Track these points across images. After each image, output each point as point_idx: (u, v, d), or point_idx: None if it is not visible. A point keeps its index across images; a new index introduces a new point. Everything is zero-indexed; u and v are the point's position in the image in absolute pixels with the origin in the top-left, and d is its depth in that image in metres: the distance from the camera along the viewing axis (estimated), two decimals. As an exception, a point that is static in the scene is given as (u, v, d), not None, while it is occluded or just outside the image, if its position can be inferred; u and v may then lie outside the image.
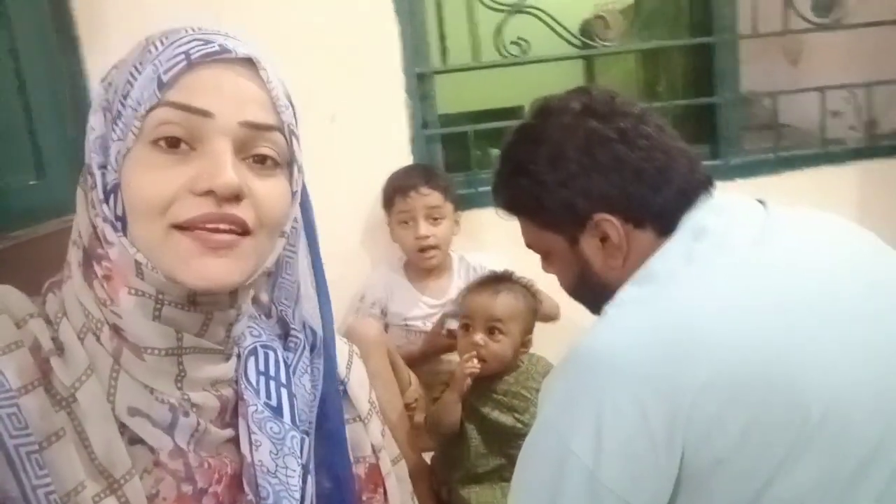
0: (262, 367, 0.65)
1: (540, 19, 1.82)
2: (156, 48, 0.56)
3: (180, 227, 0.54)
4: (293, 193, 0.62)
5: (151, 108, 0.53)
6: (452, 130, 1.92)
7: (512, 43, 1.82)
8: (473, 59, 1.85)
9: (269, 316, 0.71)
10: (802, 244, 0.74)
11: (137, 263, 0.55)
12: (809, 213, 0.81)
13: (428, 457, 1.52)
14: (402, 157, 1.78)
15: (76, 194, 0.59)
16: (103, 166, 0.56)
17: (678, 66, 2.17)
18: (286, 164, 0.60)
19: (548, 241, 0.87)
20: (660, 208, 0.78)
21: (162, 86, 0.54)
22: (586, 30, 1.90)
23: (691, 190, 0.79)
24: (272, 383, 0.65)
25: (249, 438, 0.61)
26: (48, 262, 0.63)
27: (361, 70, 1.73)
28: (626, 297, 0.73)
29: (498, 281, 1.36)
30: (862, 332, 0.67)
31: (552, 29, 1.84)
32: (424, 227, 1.60)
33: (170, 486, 0.57)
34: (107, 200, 0.55)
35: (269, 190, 0.58)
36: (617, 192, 0.79)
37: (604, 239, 0.81)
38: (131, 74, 0.55)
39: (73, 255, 0.59)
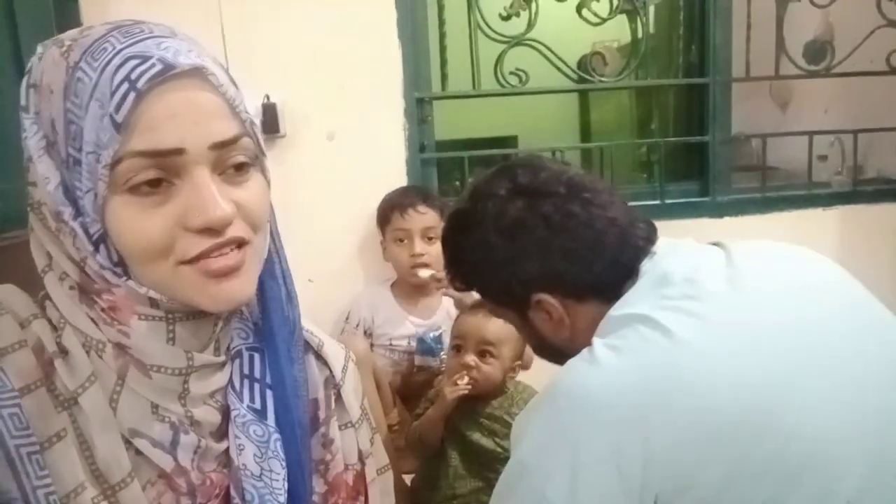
0: (246, 370, 0.65)
1: (540, 52, 1.86)
2: (87, 75, 0.50)
3: (188, 262, 0.54)
4: (268, 182, 0.61)
5: (118, 160, 0.50)
6: (448, 155, 1.95)
7: (511, 73, 1.86)
8: (473, 86, 1.88)
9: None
10: (776, 288, 0.74)
11: (151, 298, 0.55)
12: (772, 250, 0.81)
13: (408, 479, 1.52)
14: (398, 179, 1.80)
15: (33, 224, 0.56)
16: (77, 215, 0.53)
17: (672, 104, 2.22)
18: (255, 158, 0.59)
19: (502, 313, 0.92)
20: (595, 282, 0.80)
21: (118, 127, 0.50)
22: (584, 65, 1.94)
23: (626, 258, 0.79)
24: (257, 386, 0.65)
25: (235, 443, 0.61)
26: None
27: (361, 91, 1.76)
28: (602, 342, 0.72)
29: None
30: (842, 376, 0.67)
31: (551, 62, 1.88)
32: (420, 246, 1.62)
33: (171, 498, 0.58)
34: (97, 249, 0.54)
35: (251, 194, 0.57)
36: (548, 274, 0.81)
37: (548, 313, 0.84)
38: (70, 112, 0.51)
39: (53, 284, 0.57)
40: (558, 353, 0.87)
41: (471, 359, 1.30)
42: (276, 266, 0.66)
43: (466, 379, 1.28)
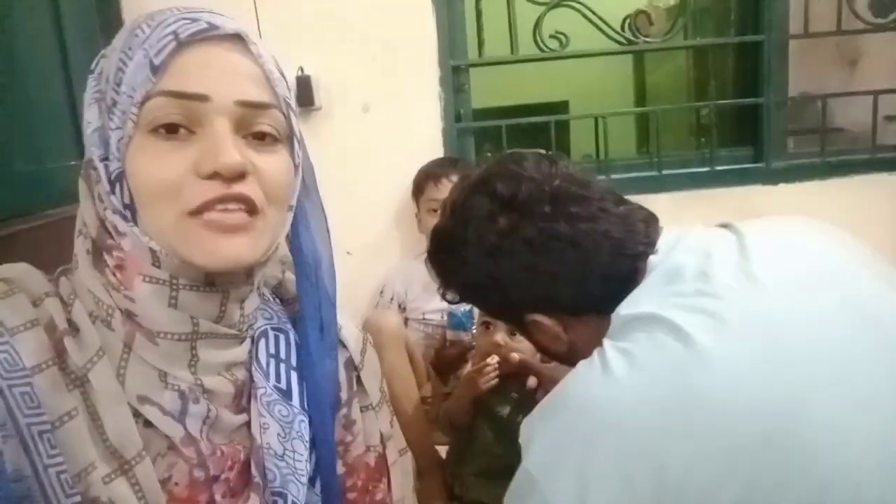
0: (272, 350, 0.65)
1: (581, 13, 1.79)
2: (143, 32, 0.55)
3: (192, 213, 0.55)
4: (296, 167, 0.62)
5: (147, 97, 0.53)
6: (486, 124, 1.90)
7: (551, 37, 1.79)
8: (511, 52, 1.82)
9: (283, 299, 0.72)
10: (793, 282, 0.67)
11: (152, 251, 0.55)
12: (783, 232, 0.75)
13: (442, 451, 1.52)
14: (434, 149, 1.78)
15: (79, 187, 0.59)
16: (105, 158, 0.56)
17: (729, 65, 2.10)
18: (286, 138, 0.60)
19: (503, 322, 0.91)
20: (588, 300, 0.75)
21: (154, 69, 0.53)
22: (629, 25, 1.85)
23: (622, 269, 0.74)
24: (282, 366, 0.65)
25: (259, 421, 0.61)
26: None
27: (396, 61, 1.73)
28: (614, 345, 0.67)
29: None
30: (868, 390, 0.61)
31: (593, 24, 1.80)
32: None
33: (182, 471, 0.58)
34: (113, 190, 0.55)
35: (272, 165, 0.58)
36: (538, 297, 0.77)
37: (544, 331, 0.80)
38: (121, 61, 0.55)
39: (80, 246, 0.59)
40: (561, 360, 0.85)
41: (501, 337, 1.28)
42: (312, 266, 0.67)
43: (494, 365, 1.26)
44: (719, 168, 1.85)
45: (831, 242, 0.74)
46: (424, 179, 1.65)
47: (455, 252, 0.81)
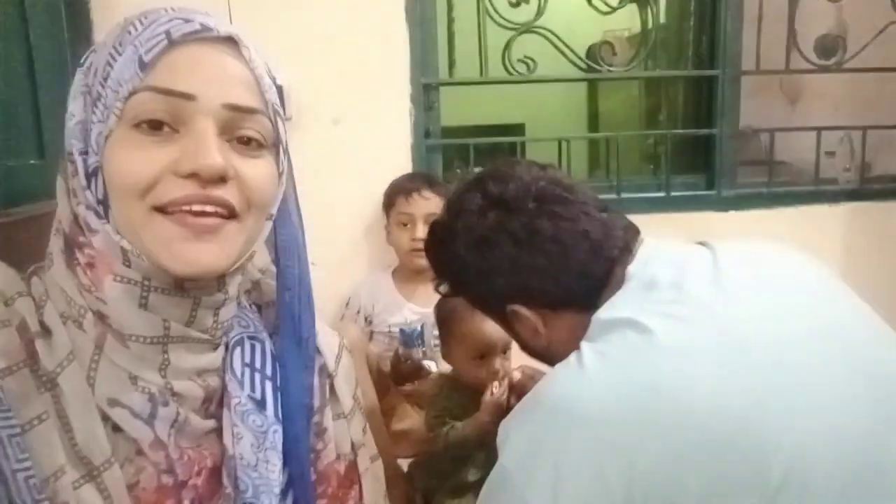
0: (247, 359, 0.65)
1: (548, 40, 1.85)
2: (135, 29, 0.54)
3: (162, 210, 0.54)
4: (280, 175, 0.61)
5: (133, 92, 0.53)
6: (454, 142, 1.94)
7: (519, 61, 1.84)
8: (480, 73, 1.87)
9: (264, 306, 0.71)
10: (762, 294, 0.73)
11: (123, 250, 0.54)
12: (759, 253, 0.81)
13: (403, 463, 1.52)
14: (403, 164, 1.79)
15: (56, 183, 0.58)
16: (84, 151, 0.55)
17: (681, 96, 2.20)
18: (272, 145, 0.60)
19: (486, 314, 0.93)
20: (565, 295, 0.80)
21: (143, 66, 0.53)
22: (593, 54, 1.92)
23: (598, 269, 0.79)
24: (257, 376, 0.65)
25: (232, 431, 0.61)
26: (46, 240, 0.62)
27: (368, 76, 1.75)
28: (590, 346, 0.71)
29: None
30: (822, 389, 0.66)
31: (559, 50, 1.86)
32: (422, 230, 1.62)
33: (150, 476, 0.57)
34: (88, 185, 0.54)
35: (255, 171, 0.57)
36: (519, 288, 0.82)
37: (523, 323, 0.85)
38: (111, 56, 0.54)
39: (55, 244, 0.58)
40: (540, 357, 0.90)
41: (499, 364, 1.27)
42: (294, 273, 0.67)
43: (503, 385, 1.23)
44: (674, 194, 1.94)
45: (802, 264, 0.80)
46: (396, 193, 1.67)
47: (447, 244, 0.87)
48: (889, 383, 0.69)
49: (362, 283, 1.74)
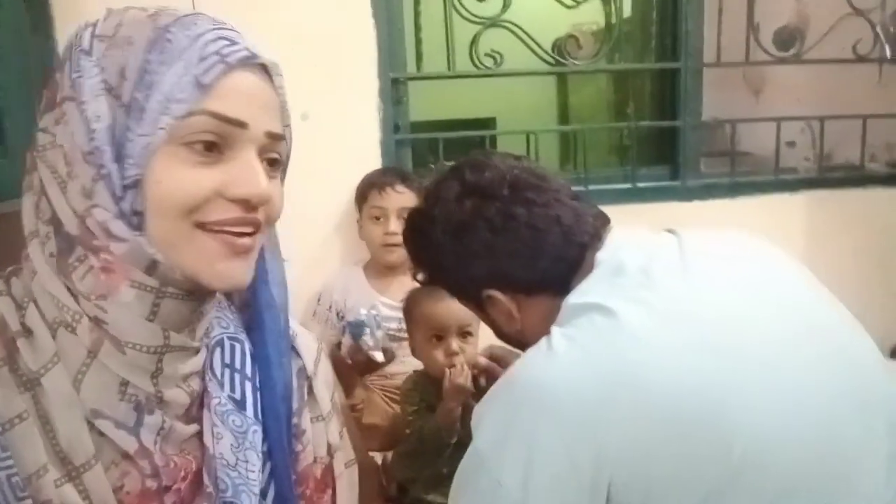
0: (227, 360, 0.65)
1: (515, 34, 1.87)
2: (178, 40, 0.55)
3: (204, 226, 0.56)
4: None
5: (191, 113, 0.54)
6: (423, 136, 1.95)
7: (486, 55, 1.86)
8: (448, 68, 1.88)
9: (240, 308, 0.72)
10: (727, 280, 0.75)
11: (153, 262, 0.54)
12: (723, 240, 0.83)
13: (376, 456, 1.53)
14: (372, 160, 1.80)
15: (33, 180, 0.57)
16: (116, 159, 0.54)
17: (647, 88, 2.24)
18: (283, 163, 0.64)
19: (463, 303, 0.96)
20: (540, 279, 0.83)
21: (202, 88, 0.54)
22: (559, 48, 1.94)
23: (570, 254, 0.82)
24: (237, 376, 0.65)
25: (212, 431, 0.61)
26: (11, 240, 0.61)
27: (336, 71, 1.75)
28: (560, 331, 0.73)
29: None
30: (784, 374, 0.68)
31: (525, 44, 1.88)
32: (395, 224, 1.63)
33: (135, 480, 0.57)
34: (123, 195, 0.54)
35: (278, 191, 0.61)
36: (495, 273, 0.85)
37: (499, 308, 0.87)
38: (149, 63, 0.54)
39: (37, 247, 0.57)
40: (514, 342, 0.93)
41: (456, 345, 1.29)
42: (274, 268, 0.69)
43: (462, 363, 1.25)
44: (640, 185, 1.97)
45: (763, 250, 0.83)
46: (369, 187, 1.68)
47: (425, 231, 0.89)
48: (851, 365, 0.72)
49: (334, 278, 1.74)
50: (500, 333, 0.95)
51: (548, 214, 0.83)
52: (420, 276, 0.97)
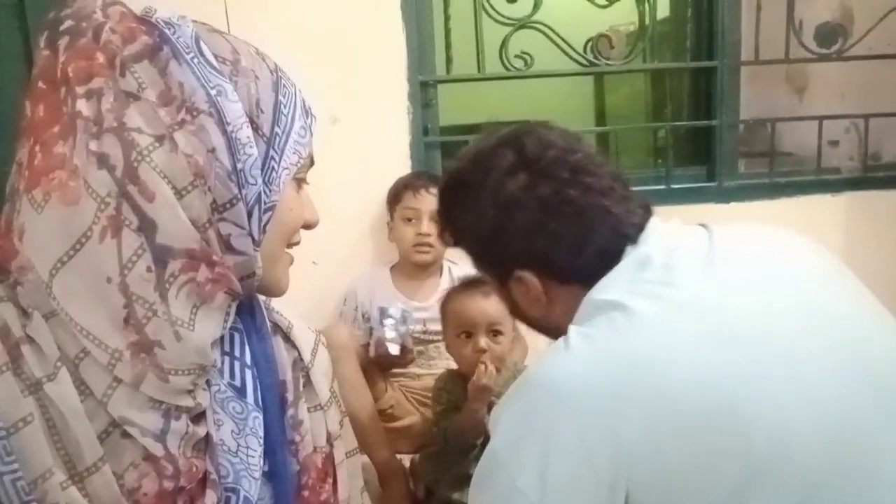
0: (227, 348, 0.67)
1: (545, 35, 1.85)
2: (289, 86, 0.66)
3: (290, 245, 0.69)
4: None
5: (307, 156, 0.67)
6: (452, 139, 1.95)
7: (516, 56, 1.84)
8: (478, 70, 1.87)
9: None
10: (750, 272, 0.73)
11: (252, 274, 0.62)
12: (756, 234, 0.81)
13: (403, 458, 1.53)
14: (401, 163, 1.80)
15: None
16: (253, 182, 0.61)
17: (685, 88, 2.19)
18: None
19: (483, 274, 0.92)
20: (580, 270, 0.79)
21: (307, 135, 0.66)
22: (591, 48, 1.91)
23: (614, 247, 0.78)
24: (237, 363, 0.67)
25: (212, 418, 0.63)
26: None
27: (365, 74, 1.76)
28: (577, 329, 0.72)
29: (479, 283, 1.33)
30: (809, 369, 0.66)
31: (557, 45, 1.86)
32: (427, 226, 1.64)
33: (153, 481, 0.59)
34: (259, 216, 0.62)
35: None
36: (534, 255, 0.80)
37: (527, 289, 0.83)
38: (280, 104, 0.63)
39: (70, 277, 0.56)
40: (530, 322, 0.89)
41: (485, 342, 1.30)
42: None
43: (489, 363, 1.26)
44: (675, 186, 1.93)
45: (800, 245, 0.80)
46: (403, 189, 1.69)
47: (468, 196, 0.84)
48: (876, 360, 0.69)
49: (360, 280, 1.75)
50: (515, 311, 0.90)
51: (602, 204, 0.79)
52: (446, 238, 0.94)
